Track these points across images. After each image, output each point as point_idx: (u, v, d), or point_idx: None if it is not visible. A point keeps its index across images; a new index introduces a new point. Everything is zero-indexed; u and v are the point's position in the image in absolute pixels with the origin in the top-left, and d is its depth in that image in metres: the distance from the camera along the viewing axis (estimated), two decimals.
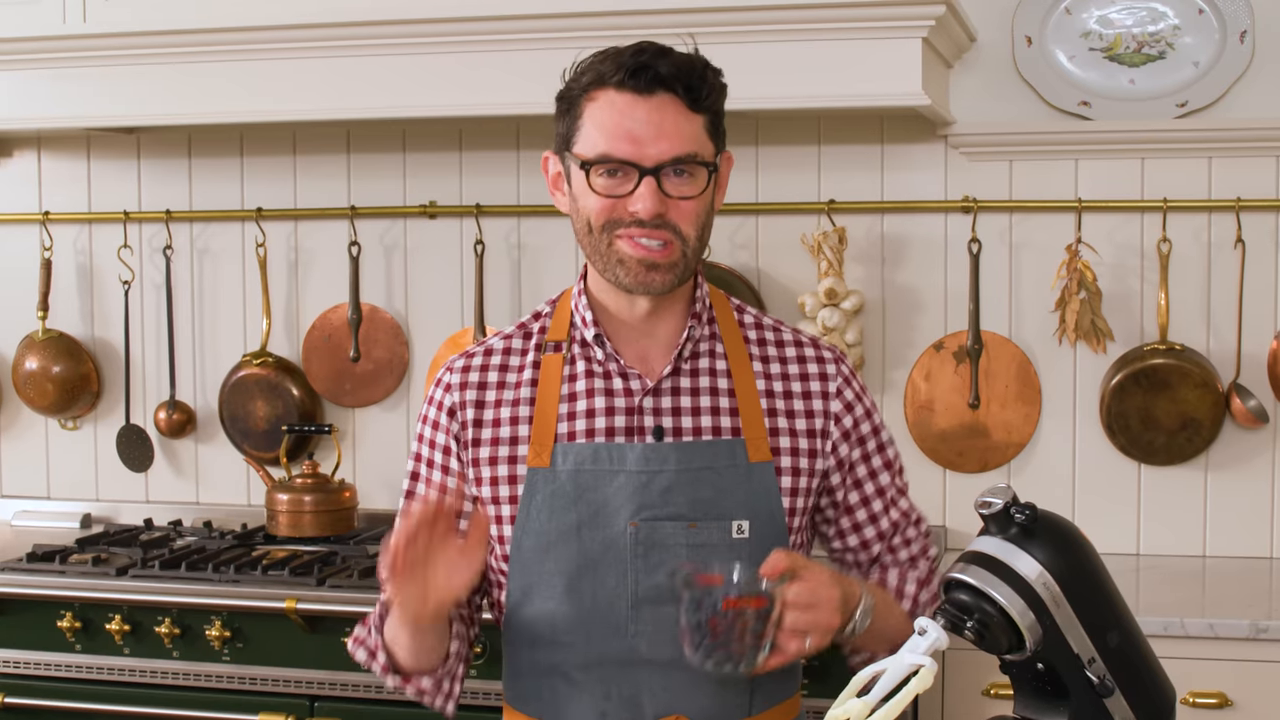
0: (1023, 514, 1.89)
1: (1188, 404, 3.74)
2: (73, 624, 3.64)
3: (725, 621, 1.99)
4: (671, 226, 2.16)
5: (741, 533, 2.21)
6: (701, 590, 1.99)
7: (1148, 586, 3.60)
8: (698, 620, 2.00)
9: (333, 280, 4.29)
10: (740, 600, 1.99)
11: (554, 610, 2.22)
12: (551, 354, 2.30)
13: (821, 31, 3.43)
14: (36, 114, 3.95)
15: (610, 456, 2.21)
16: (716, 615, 1.98)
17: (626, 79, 2.14)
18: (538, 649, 2.25)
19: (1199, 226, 3.80)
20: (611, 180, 2.16)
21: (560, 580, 2.22)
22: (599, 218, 2.17)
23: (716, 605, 1.98)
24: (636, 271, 2.18)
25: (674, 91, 2.16)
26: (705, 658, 2.02)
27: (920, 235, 3.94)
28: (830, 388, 2.33)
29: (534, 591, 2.23)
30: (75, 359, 4.43)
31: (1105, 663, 1.90)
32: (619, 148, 2.14)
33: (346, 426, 4.33)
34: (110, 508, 4.46)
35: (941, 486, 3.96)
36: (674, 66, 2.16)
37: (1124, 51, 3.79)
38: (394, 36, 3.62)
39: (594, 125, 2.16)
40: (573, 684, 2.24)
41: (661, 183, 2.15)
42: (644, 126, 2.14)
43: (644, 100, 2.15)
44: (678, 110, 2.16)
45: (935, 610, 1.92)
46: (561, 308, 2.35)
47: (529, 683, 2.29)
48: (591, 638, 2.22)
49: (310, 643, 3.53)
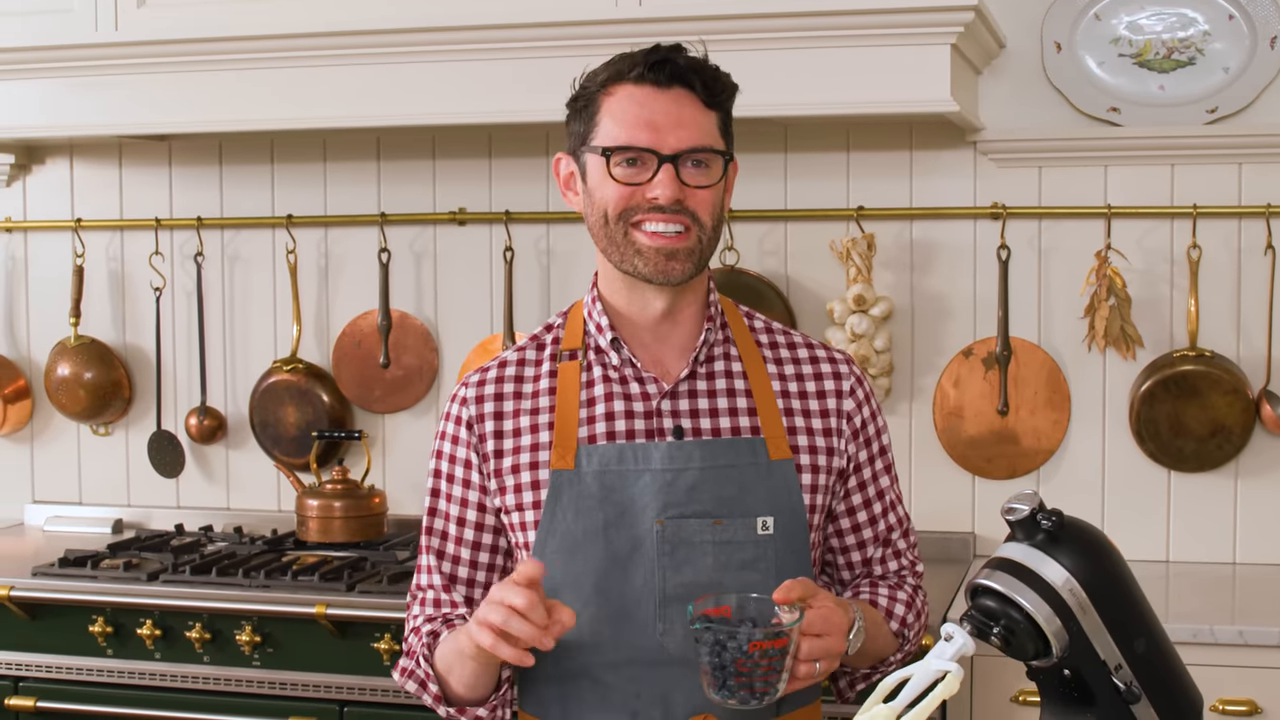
0: (1049, 520, 1.89)
1: (1217, 411, 3.73)
2: (104, 629, 3.66)
3: (750, 662, 1.99)
4: (689, 213, 2.19)
5: (766, 529, 2.23)
6: (724, 633, 1.98)
7: (1177, 594, 3.59)
8: (720, 662, 1.99)
9: (363, 286, 4.31)
10: (765, 643, 1.99)
11: (581, 612, 2.21)
12: (567, 362, 2.31)
13: (850, 38, 3.43)
14: (69, 122, 3.98)
15: (635, 456, 2.22)
16: (742, 657, 1.98)
17: (646, 72, 2.19)
18: (563, 652, 2.24)
19: (1229, 233, 3.79)
20: (630, 169, 2.19)
21: (588, 580, 2.22)
22: (617, 206, 2.20)
23: (742, 648, 1.98)
24: (655, 261, 2.20)
25: (690, 87, 2.20)
26: (729, 696, 2.02)
27: (949, 241, 3.94)
28: (844, 386, 2.35)
29: (560, 594, 2.22)
30: (107, 365, 4.45)
31: (1132, 669, 1.90)
32: (639, 136, 2.18)
33: (376, 432, 4.34)
34: (141, 513, 4.49)
35: (970, 493, 3.96)
36: (690, 62, 2.22)
37: (1154, 57, 3.78)
38: (425, 44, 3.64)
39: (613, 118, 2.20)
40: (601, 685, 2.24)
41: (679, 171, 2.18)
42: (663, 117, 2.18)
43: (662, 92, 2.19)
44: (694, 104, 2.21)
45: (962, 616, 1.92)
46: (574, 318, 2.37)
47: (552, 688, 2.29)
48: (620, 637, 2.22)
49: (340, 648, 3.54)
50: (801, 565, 2.26)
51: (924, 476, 3.98)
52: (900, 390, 3.98)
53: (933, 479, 3.97)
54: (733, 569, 2.20)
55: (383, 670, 3.52)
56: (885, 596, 2.39)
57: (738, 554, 2.21)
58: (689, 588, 2.19)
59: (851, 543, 2.40)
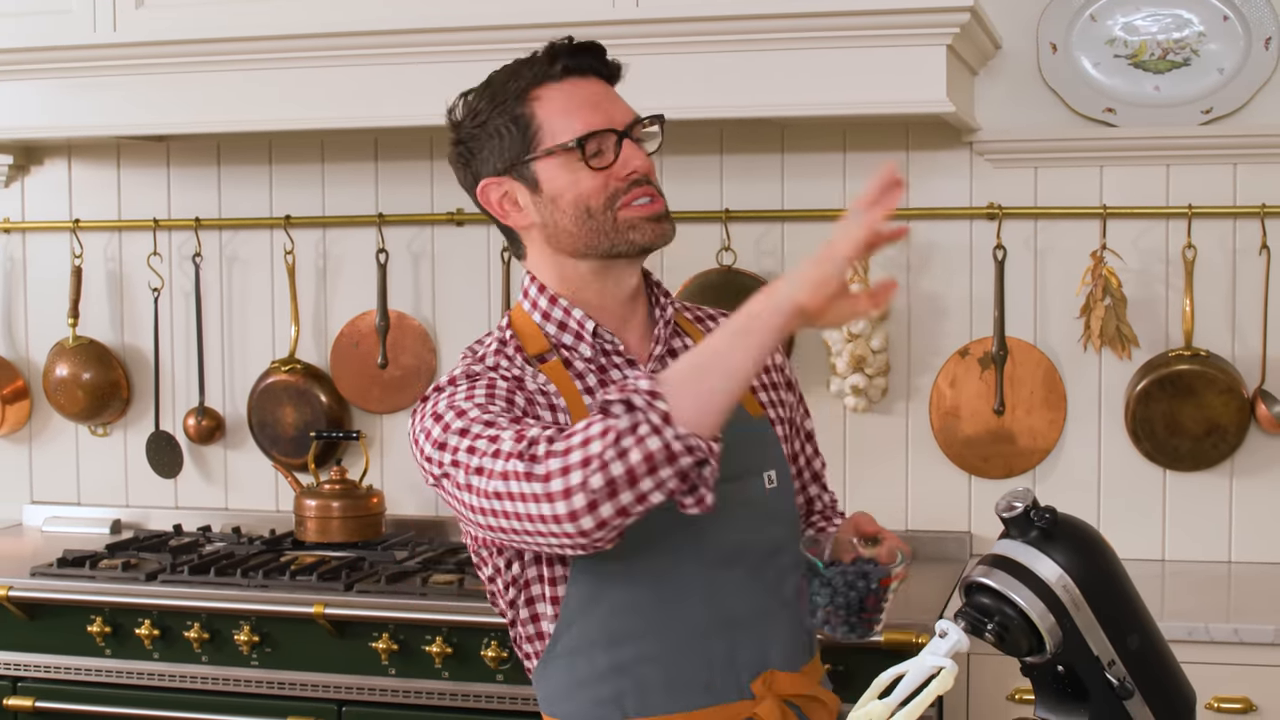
0: (1043, 517, 1.90)
1: (1213, 410, 3.74)
2: (103, 629, 3.66)
3: (877, 596, 2.10)
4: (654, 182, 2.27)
5: (772, 483, 2.31)
6: (854, 573, 2.09)
7: (1172, 592, 3.60)
8: (849, 601, 2.09)
9: (361, 287, 4.31)
10: (890, 579, 2.11)
11: (634, 597, 2.20)
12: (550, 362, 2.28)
13: (846, 39, 3.44)
14: (67, 122, 3.98)
15: None
16: (872, 594, 2.09)
17: (562, 71, 2.26)
18: (622, 644, 2.21)
19: (1224, 233, 3.80)
20: (600, 155, 2.22)
21: (637, 563, 2.19)
22: (599, 196, 2.22)
23: (872, 584, 2.08)
24: (651, 228, 2.24)
25: (599, 73, 2.29)
26: (850, 630, 2.12)
27: (945, 242, 3.94)
28: None
29: (607, 585, 2.20)
30: (105, 366, 4.46)
31: (1125, 665, 1.91)
32: (596, 120, 2.23)
33: (374, 433, 4.35)
34: (140, 513, 4.49)
35: (967, 492, 3.96)
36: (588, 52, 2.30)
37: (1149, 58, 3.79)
38: (423, 45, 3.64)
39: (558, 114, 2.23)
40: (671, 666, 2.22)
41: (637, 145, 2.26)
42: (601, 98, 2.26)
43: (585, 81, 2.27)
44: (608, 85, 2.30)
45: (957, 613, 1.93)
46: (519, 327, 2.32)
47: (613, 683, 2.23)
48: (685, 613, 2.22)
49: (338, 648, 3.55)
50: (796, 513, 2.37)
51: (920, 476, 3.99)
52: (897, 390, 3.99)
53: (929, 478, 3.98)
54: (758, 525, 2.26)
55: (381, 670, 3.52)
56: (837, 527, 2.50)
57: (760, 511, 2.28)
58: (729, 552, 2.23)
59: (796, 485, 2.45)
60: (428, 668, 3.49)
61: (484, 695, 3.47)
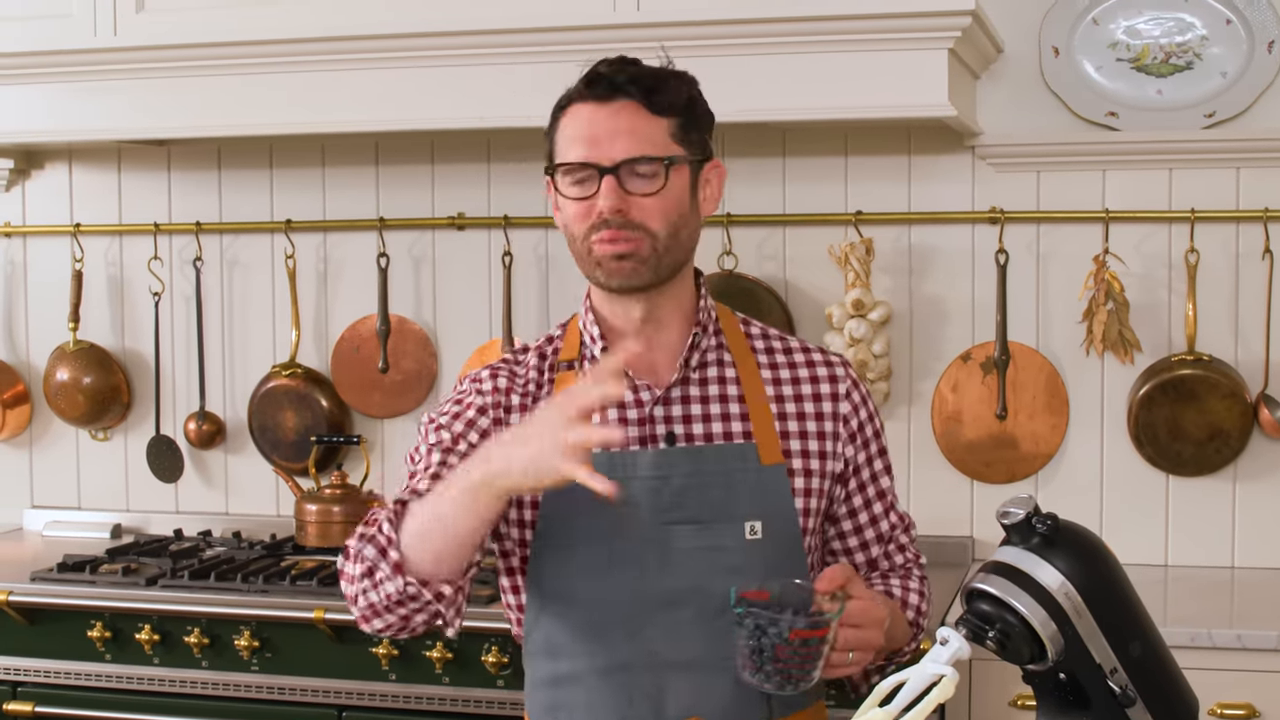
0: (1044, 524, 1.89)
1: (1216, 415, 3.73)
2: (103, 634, 3.66)
3: (790, 649, 1.99)
4: (636, 225, 2.21)
5: (755, 534, 2.25)
6: (766, 619, 1.99)
7: (1175, 598, 3.59)
8: (759, 647, 1.99)
9: (361, 291, 4.31)
10: (806, 632, 1.99)
11: (575, 617, 2.24)
12: (564, 372, 2.34)
13: (848, 43, 3.43)
14: (68, 126, 3.98)
15: (624, 465, 2.24)
16: (782, 644, 1.99)
17: (586, 89, 2.24)
18: (559, 658, 2.27)
19: (1227, 237, 3.79)
20: (580, 186, 2.23)
21: (580, 586, 2.24)
22: (576, 225, 2.24)
23: (783, 635, 1.98)
24: (610, 266, 2.24)
25: (632, 97, 2.22)
26: (764, 681, 2.02)
27: (947, 246, 3.94)
28: (840, 389, 2.38)
29: (552, 601, 2.25)
30: (106, 370, 4.45)
31: (1127, 673, 1.90)
32: (578, 151, 2.21)
33: (375, 437, 4.35)
34: (140, 518, 4.49)
35: (969, 497, 3.96)
36: (631, 74, 2.24)
37: (1151, 62, 3.79)
38: (424, 49, 3.64)
39: (563, 137, 2.25)
40: (594, 690, 2.25)
41: (624, 183, 2.20)
42: (603, 130, 2.21)
43: (603, 106, 2.22)
44: (636, 113, 2.22)
45: (958, 620, 1.93)
46: (571, 330, 2.41)
47: (550, 693, 2.30)
48: (612, 643, 2.23)
49: (338, 652, 3.54)
50: (796, 568, 2.28)
51: (922, 481, 3.98)
52: (899, 395, 3.98)
53: (931, 483, 3.97)
54: (720, 574, 2.20)
55: (382, 675, 3.52)
56: (899, 587, 2.42)
57: (725, 559, 2.22)
58: (677, 593, 2.21)
59: (855, 544, 2.42)
60: (428, 673, 3.49)
61: (484, 700, 3.46)
